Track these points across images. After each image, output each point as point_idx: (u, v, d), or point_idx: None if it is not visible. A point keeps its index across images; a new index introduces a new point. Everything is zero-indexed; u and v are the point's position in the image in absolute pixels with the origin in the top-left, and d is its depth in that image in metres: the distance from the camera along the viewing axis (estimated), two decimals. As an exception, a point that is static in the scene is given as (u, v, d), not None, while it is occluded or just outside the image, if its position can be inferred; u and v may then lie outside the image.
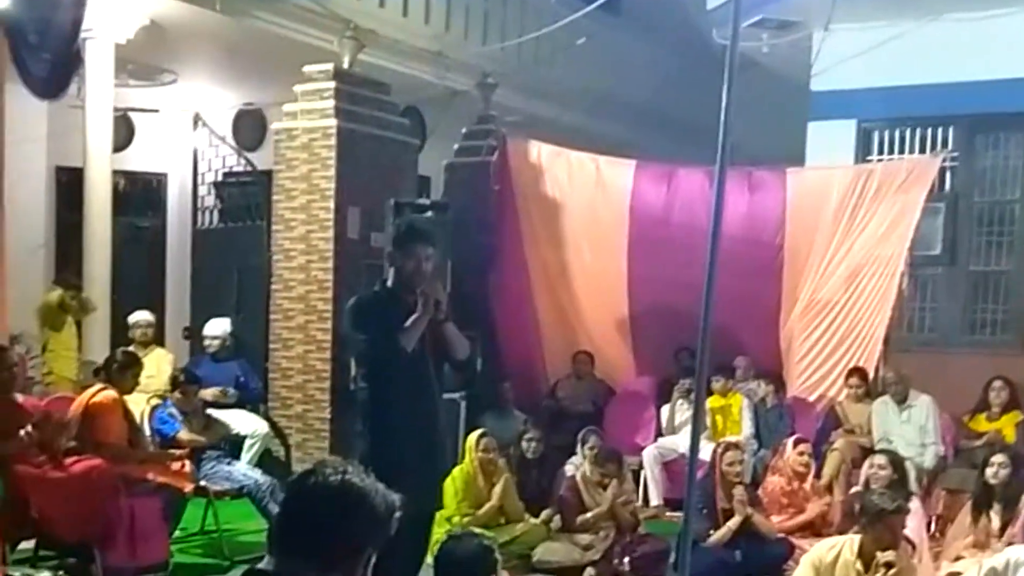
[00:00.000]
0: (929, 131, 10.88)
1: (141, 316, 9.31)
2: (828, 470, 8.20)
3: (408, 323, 4.80)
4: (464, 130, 11.61)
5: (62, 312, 9.20)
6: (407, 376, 4.88)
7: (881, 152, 11.16)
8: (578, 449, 7.99)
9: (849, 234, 9.69)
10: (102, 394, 6.82)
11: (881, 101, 10.77)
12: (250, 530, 7.57)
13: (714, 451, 7.47)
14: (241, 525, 7.67)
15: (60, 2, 7.83)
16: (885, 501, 5.18)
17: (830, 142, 11.13)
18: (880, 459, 7.04)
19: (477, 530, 5.43)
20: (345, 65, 9.82)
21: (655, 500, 9.18)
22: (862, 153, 11.19)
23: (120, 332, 9.50)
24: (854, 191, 9.68)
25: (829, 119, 11.17)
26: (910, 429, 8.56)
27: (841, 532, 6.62)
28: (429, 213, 9.75)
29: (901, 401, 8.68)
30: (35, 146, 10.31)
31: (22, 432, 6.29)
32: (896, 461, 7.01)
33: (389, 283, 5.09)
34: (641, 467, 9.25)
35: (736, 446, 7.65)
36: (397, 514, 2.38)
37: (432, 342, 4.95)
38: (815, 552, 5.21)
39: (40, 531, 6.40)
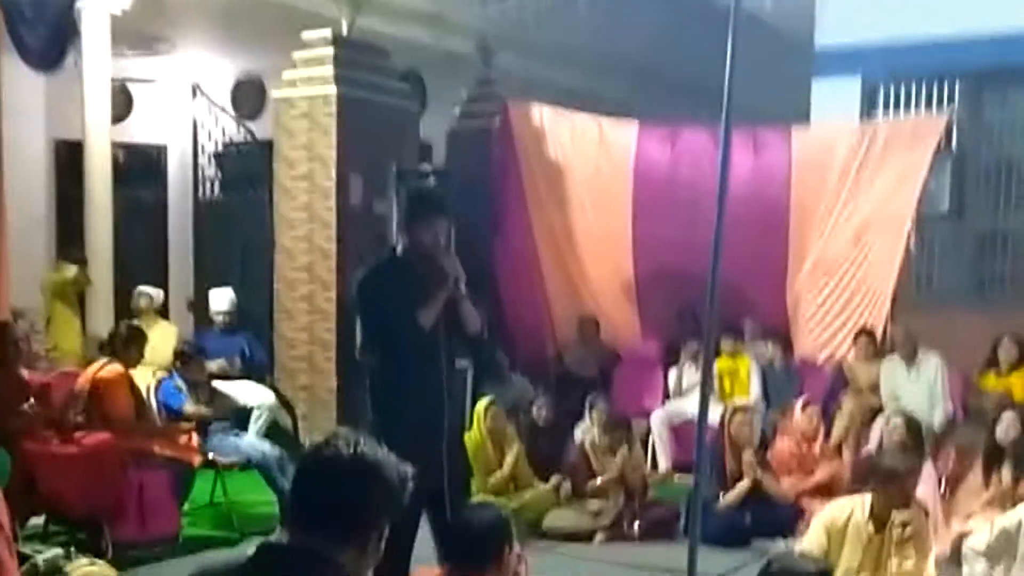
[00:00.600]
0: (935, 87, 10.77)
1: (142, 289, 9.31)
2: (837, 431, 8.18)
3: (428, 301, 4.72)
4: (465, 95, 11.51)
5: (69, 287, 9.19)
6: (418, 349, 4.78)
7: (887, 109, 11.10)
8: (586, 415, 7.96)
9: (856, 192, 9.61)
10: (108, 368, 6.80)
11: (886, 57, 10.67)
12: (259, 502, 7.56)
13: (723, 414, 7.45)
14: (250, 497, 7.65)
15: (54, -27, 7.73)
16: (898, 462, 5.15)
17: (835, 100, 11.06)
18: (895, 420, 7.00)
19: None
20: (344, 31, 9.72)
21: (664, 464, 9.16)
22: (867, 110, 11.11)
23: (123, 305, 9.47)
24: (860, 149, 9.59)
25: (833, 76, 11.08)
26: (919, 388, 8.53)
27: (852, 493, 6.62)
28: (431, 179, 9.67)
29: (909, 360, 8.64)
30: (33, 119, 10.22)
31: (26, 405, 6.27)
32: (911, 422, 6.97)
33: (399, 253, 4.94)
34: (649, 431, 9.23)
35: (745, 409, 7.64)
36: (410, 486, 2.36)
37: (444, 315, 4.87)
38: (826, 514, 5.18)
39: (49, 507, 6.41)
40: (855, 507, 5.10)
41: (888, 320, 9.44)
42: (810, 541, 5.01)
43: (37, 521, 6.50)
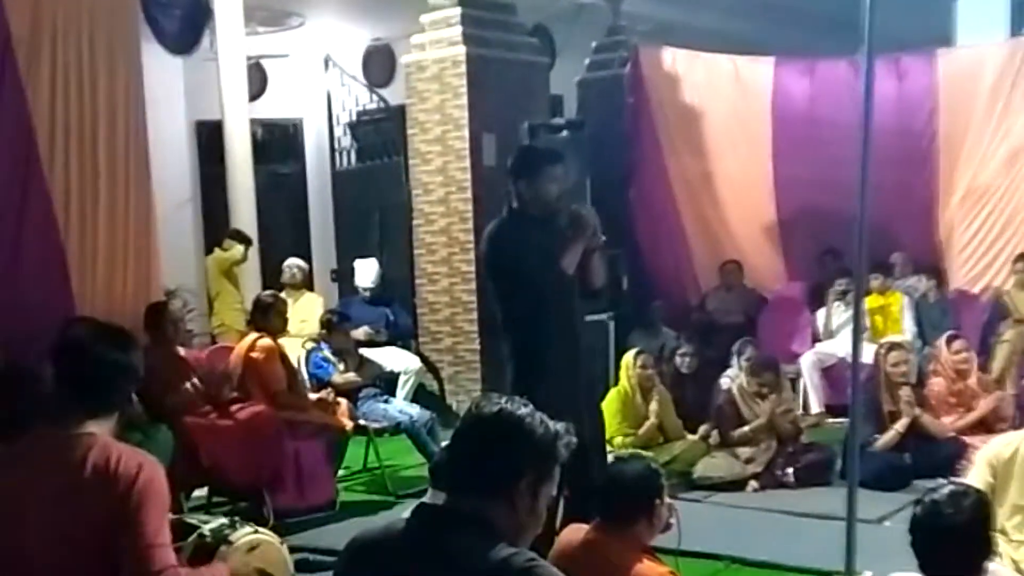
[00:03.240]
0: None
1: (291, 261, 9.54)
2: (998, 363, 7.90)
3: (568, 249, 4.74)
4: (594, 44, 11.37)
5: (235, 266, 9.49)
6: (559, 299, 4.81)
7: (1038, 24, 10.53)
8: (733, 361, 7.82)
9: (1007, 114, 9.22)
10: (260, 343, 6.94)
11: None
12: (411, 464, 7.67)
13: (877, 352, 7.23)
14: (402, 460, 7.78)
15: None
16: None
17: (981, 18, 10.57)
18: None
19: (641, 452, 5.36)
20: (470, -11, 9.70)
21: (816, 408, 8.96)
22: (1017, 27, 10.57)
23: (270, 279, 9.71)
24: (1011, 68, 9.19)
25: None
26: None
27: (1019, 426, 6.35)
28: (564, 132, 9.60)
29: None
30: (174, 103, 10.51)
31: (187, 384, 6.47)
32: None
33: (516, 206, 4.90)
34: (799, 375, 9.04)
35: (901, 346, 7.40)
36: (564, 442, 2.36)
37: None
38: (990, 449, 4.95)
39: (212, 478, 6.60)
40: (1021, 441, 4.87)
41: (1047, 244, 9.03)
42: (974, 478, 4.80)
43: (201, 493, 6.72)
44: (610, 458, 5.34)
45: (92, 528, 2.79)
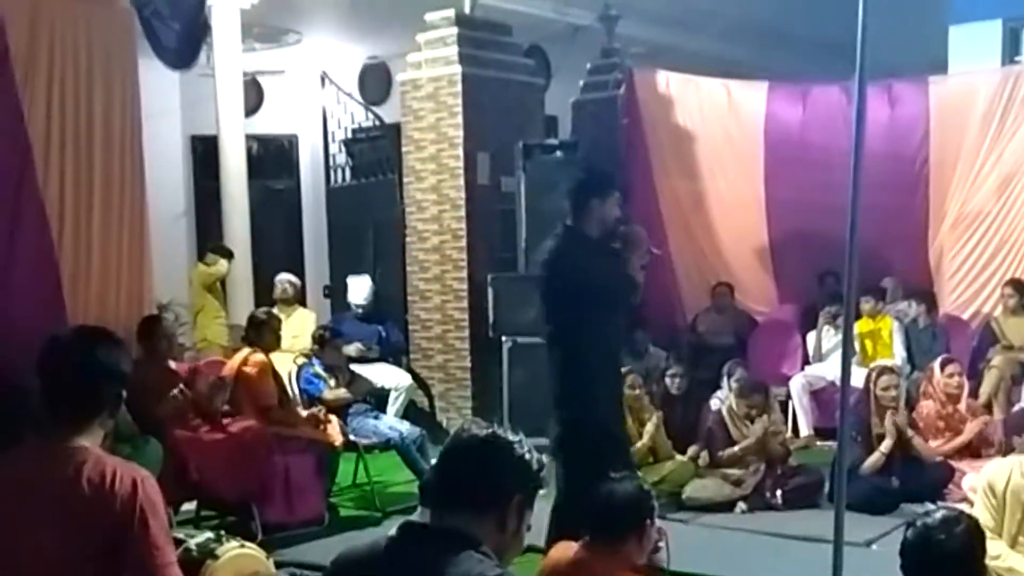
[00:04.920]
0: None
1: (283, 277, 9.56)
2: (987, 388, 7.92)
3: (631, 263, 5.17)
4: (589, 66, 11.42)
5: (218, 280, 9.50)
6: (617, 313, 5.29)
7: (1030, 52, 10.59)
8: (723, 382, 7.84)
9: (999, 141, 9.24)
10: (252, 358, 6.95)
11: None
12: (400, 481, 7.68)
13: (868, 375, 7.27)
14: (391, 477, 7.78)
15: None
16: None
17: (974, 45, 10.60)
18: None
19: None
20: (466, 9, 9.74)
21: (805, 430, 8.97)
22: (1010, 54, 10.62)
23: (263, 294, 9.72)
24: (1002, 95, 9.22)
25: (972, 20, 10.62)
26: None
27: (1005, 452, 6.37)
28: (558, 153, 9.63)
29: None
30: (170, 117, 10.54)
31: (175, 391, 6.45)
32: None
33: (573, 224, 5.18)
34: (789, 397, 9.05)
35: (891, 370, 7.43)
36: (544, 471, 2.47)
37: None
38: (988, 475, 4.96)
39: (200, 492, 6.61)
40: (1014, 468, 4.89)
41: (1037, 273, 9.06)
42: (979, 512, 4.80)
43: (189, 507, 6.72)
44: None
45: (89, 545, 2.70)
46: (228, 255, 9.57)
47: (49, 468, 2.76)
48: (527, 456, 2.41)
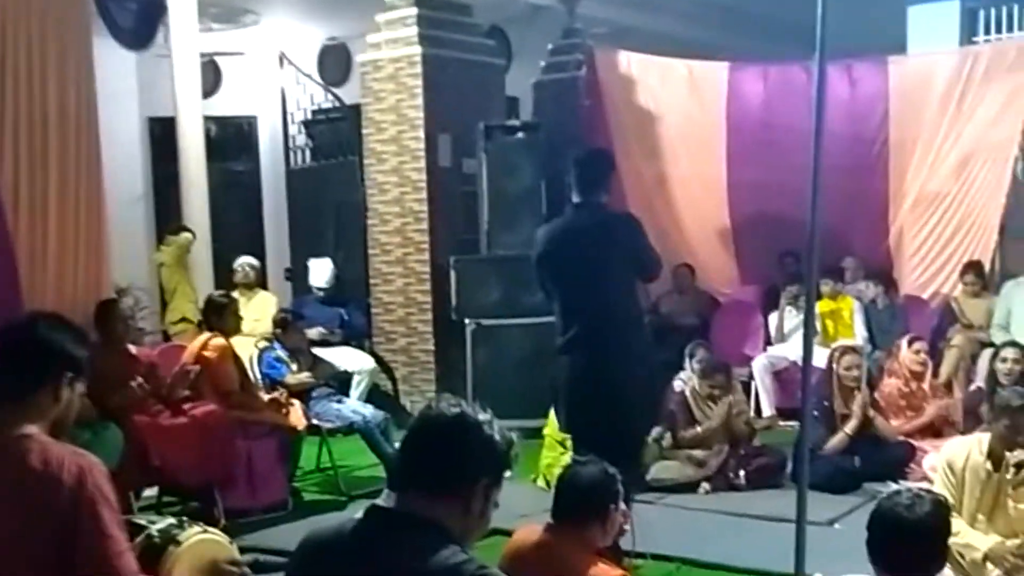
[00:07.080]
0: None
1: (243, 260, 9.44)
2: (947, 368, 7.98)
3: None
4: (550, 46, 11.38)
5: (186, 253, 9.34)
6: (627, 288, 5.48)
7: (988, 33, 10.65)
8: (686, 363, 7.86)
9: (957, 121, 9.29)
10: (213, 342, 6.88)
11: (985, -23, 10.27)
12: (364, 465, 7.65)
13: (830, 355, 7.31)
14: (355, 461, 7.75)
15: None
16: (1014, 397, 4.95)
17: (932, 26, 10.65)
18: (1010, 352, 6.77)
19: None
20: (426, -12, 9.68)
21: (767, 410, 9.02)
22: (967, 35, 10.68)
23: (223, 278, 9.62)
24: (961, 76, 9.26)
25: (930, 1, 10.67)
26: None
27: (964, 431, 6.43)
28: (520, 134, 9.61)
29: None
30: (127, 99, 10.41)
31: (133, 383, 6.38)
32: (1024, 353, 6.73)
33: (581, 201, 5.43)
34: (751, 378, 9.10)
35: (854, 350, 7.49)
36: (514, 450, 2.42)
37: None
38: (947, 453, 5.01)
39: (162, 478, 6.53)
40: (973, 446, 4.92)
41: (996, 252, 9.14)
42: (938, 490, 4.84)
43: (151, 492, 6.65)
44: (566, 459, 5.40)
45: (42, 528, 2.66)
46: (188, 231, 9.42)
47: None
48: (496, 437, 2.36)
